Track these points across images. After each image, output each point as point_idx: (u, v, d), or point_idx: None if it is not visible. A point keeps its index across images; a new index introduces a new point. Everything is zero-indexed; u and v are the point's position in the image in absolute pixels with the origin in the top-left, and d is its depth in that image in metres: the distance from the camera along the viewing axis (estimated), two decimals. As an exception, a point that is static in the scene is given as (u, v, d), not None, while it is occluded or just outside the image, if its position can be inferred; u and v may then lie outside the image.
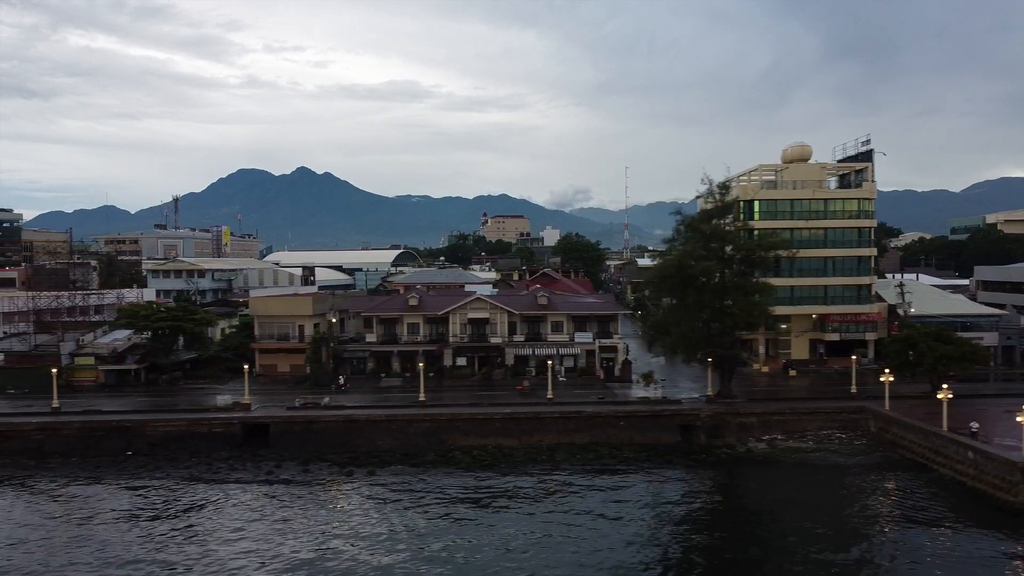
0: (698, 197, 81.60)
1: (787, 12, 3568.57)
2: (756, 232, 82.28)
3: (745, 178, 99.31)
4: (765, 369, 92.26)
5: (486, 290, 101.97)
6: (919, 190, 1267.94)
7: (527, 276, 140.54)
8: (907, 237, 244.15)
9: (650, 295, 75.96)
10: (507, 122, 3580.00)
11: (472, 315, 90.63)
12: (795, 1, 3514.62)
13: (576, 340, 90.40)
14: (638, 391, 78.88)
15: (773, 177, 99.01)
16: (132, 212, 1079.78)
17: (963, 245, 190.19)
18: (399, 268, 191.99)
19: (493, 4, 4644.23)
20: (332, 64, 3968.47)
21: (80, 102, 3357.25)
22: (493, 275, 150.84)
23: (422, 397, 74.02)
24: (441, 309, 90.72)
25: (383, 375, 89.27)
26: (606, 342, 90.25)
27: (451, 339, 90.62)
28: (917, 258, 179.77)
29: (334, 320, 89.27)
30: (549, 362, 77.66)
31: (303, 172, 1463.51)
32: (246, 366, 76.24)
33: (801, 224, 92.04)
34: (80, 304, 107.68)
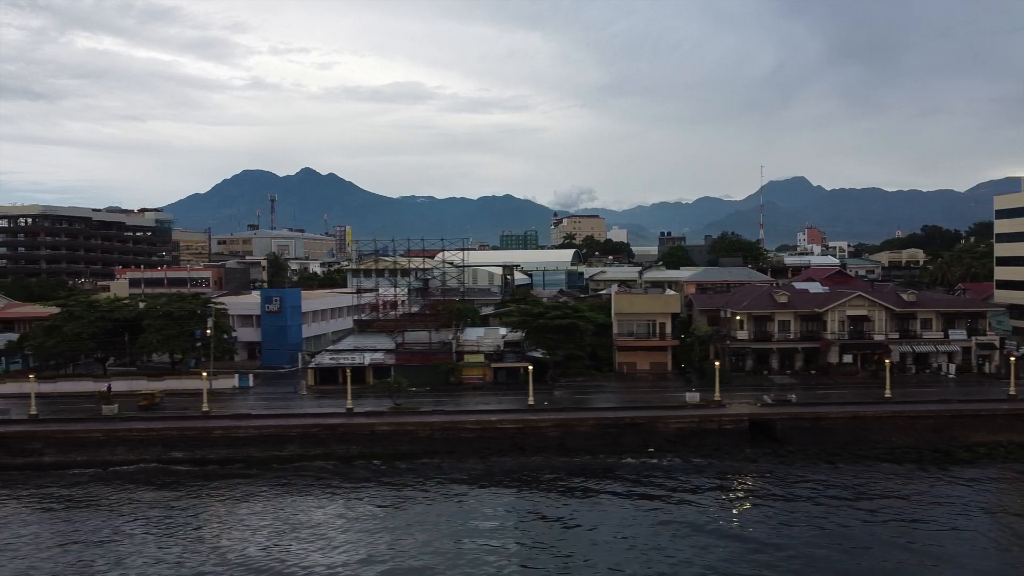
0: None
1: (791, 14, 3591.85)
2: None
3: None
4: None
5: (816, 287, 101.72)
6: (924, 190, 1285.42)
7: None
8: None
9: None
10: (511, 123, 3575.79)
11: (851, 312, 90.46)
12: (799, 3, 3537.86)
13: (951, 337, 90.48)
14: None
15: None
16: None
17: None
18: (579, 268, 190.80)
19: (498, 6, 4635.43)
20: (337, 66, 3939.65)
21: (85, 104, 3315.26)
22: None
23: (888, 393, 73.94)
24: (820, 306, 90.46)
25: (766, 372, 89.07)
26: (982, 339, 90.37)
27: (829, 336, 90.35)
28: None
29: (738, 317, 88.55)
30: (1012, 358, 77.49)
31: (308, 173, 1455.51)
32: (716, 363, 75.46)
33: None
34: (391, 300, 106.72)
